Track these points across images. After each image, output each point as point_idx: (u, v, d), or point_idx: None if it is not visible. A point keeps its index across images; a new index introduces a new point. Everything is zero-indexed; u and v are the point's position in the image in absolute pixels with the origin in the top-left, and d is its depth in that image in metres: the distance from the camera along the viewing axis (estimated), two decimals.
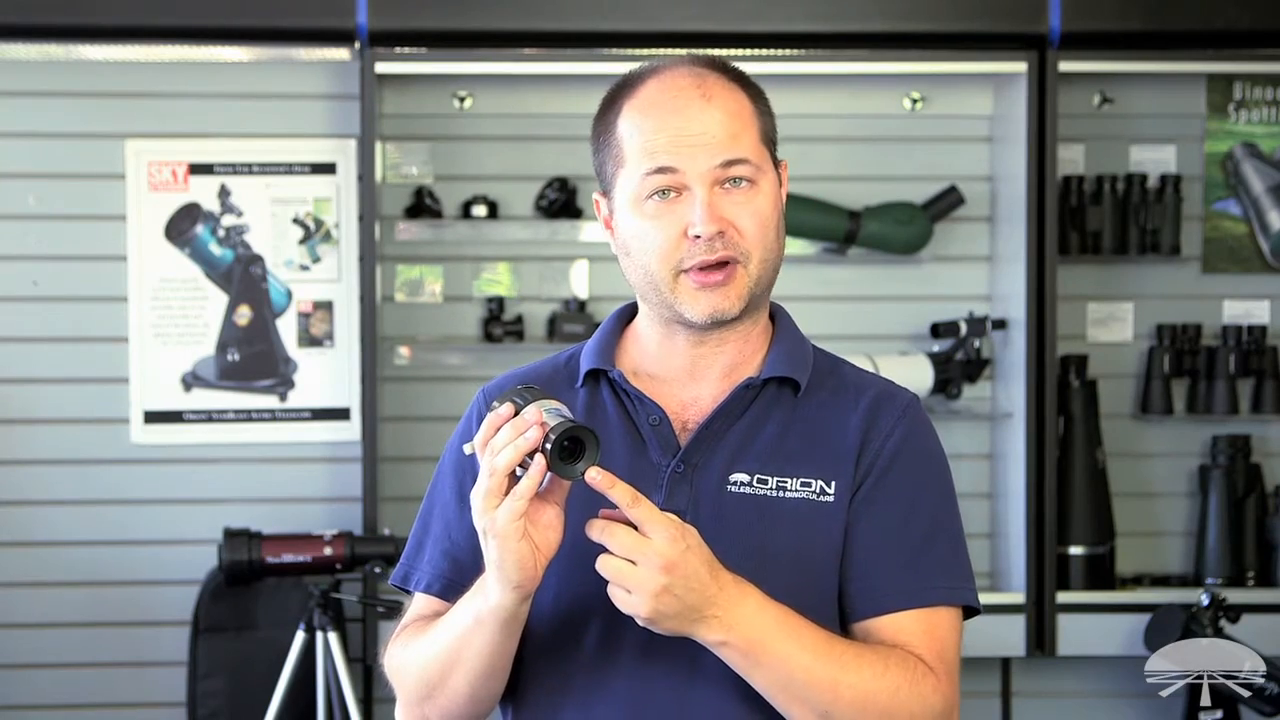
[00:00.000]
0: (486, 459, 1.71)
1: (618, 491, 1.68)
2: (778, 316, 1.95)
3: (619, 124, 1.84)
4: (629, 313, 1.96)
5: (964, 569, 1.86)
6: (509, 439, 1.70)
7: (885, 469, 1.84)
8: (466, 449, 1.76)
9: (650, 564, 1.66)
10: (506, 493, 1.70)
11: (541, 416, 1.70)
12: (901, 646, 1.78)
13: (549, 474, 1.70)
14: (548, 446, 1.69)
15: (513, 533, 1.69)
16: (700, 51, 1.99)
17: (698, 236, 1.79)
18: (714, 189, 1.80)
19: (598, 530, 1.69)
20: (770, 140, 1.87)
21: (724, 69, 1.88)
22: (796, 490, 1.82)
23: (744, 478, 1.82)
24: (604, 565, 1.68)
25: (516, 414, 1.72)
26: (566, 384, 1.92)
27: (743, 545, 1.77)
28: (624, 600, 1.69)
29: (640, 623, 1.70)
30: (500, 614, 1.74)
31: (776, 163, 1.88)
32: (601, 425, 1.87)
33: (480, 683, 1.81)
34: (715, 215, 1.79)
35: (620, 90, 1.86)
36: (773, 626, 1.72)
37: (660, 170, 1.80)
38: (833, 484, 1.83)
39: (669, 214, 1.81)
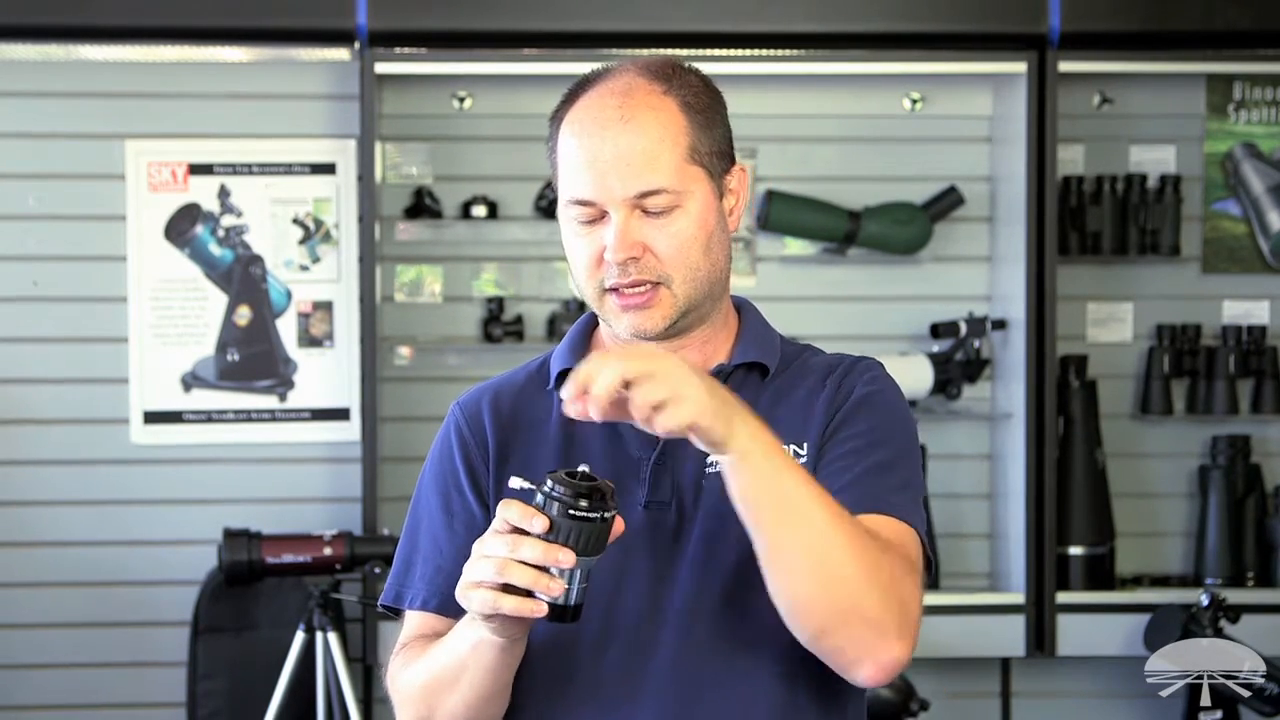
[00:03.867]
0: (504, 546, 1.66)
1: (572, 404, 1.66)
2: (743, 309, 1.96)
3: (558, 137, 1.86)
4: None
5: (921, 513, 1.83)
6: (534, 564, 1.65)
7: (851, 409, 1.85)
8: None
9: (657, 360, 1.64)
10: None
11: (575, 570, 1.65)
12: None
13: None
14: (555, 602, 1.65)
15: (483, 613, 1.69)
16: (656, 52, 1.98)
17: (609, 261, 1.81)
18: (633, 213, 1.80)
19: (590, 397, 1.64)
20: (708, 154, 1.83)
21: (664, 77, 1.84)
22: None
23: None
24: (635, 403, 1.62)
25: (550, 528, 1.64)
26: (539, 388, 1.93)
27: (727, 523, 1.75)
28: (670, 415, 1.62)
29: (698, 426, 1.62)
30: (495, 644, 1.74)
31: (723, 170, 1.85)
32: (578, 424, 1.85)
33: (479, 706, 1.80)
34: (628, 242, 1.79)
35: (564, 101, 1.87)
36: (780, 454, 1.70)
37: (578, 202, 1.82)
38: (805, 445, 1.84)
39: (591, 234, 1.82)
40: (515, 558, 1.64)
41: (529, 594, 1.65)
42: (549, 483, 1.65)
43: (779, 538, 1.69)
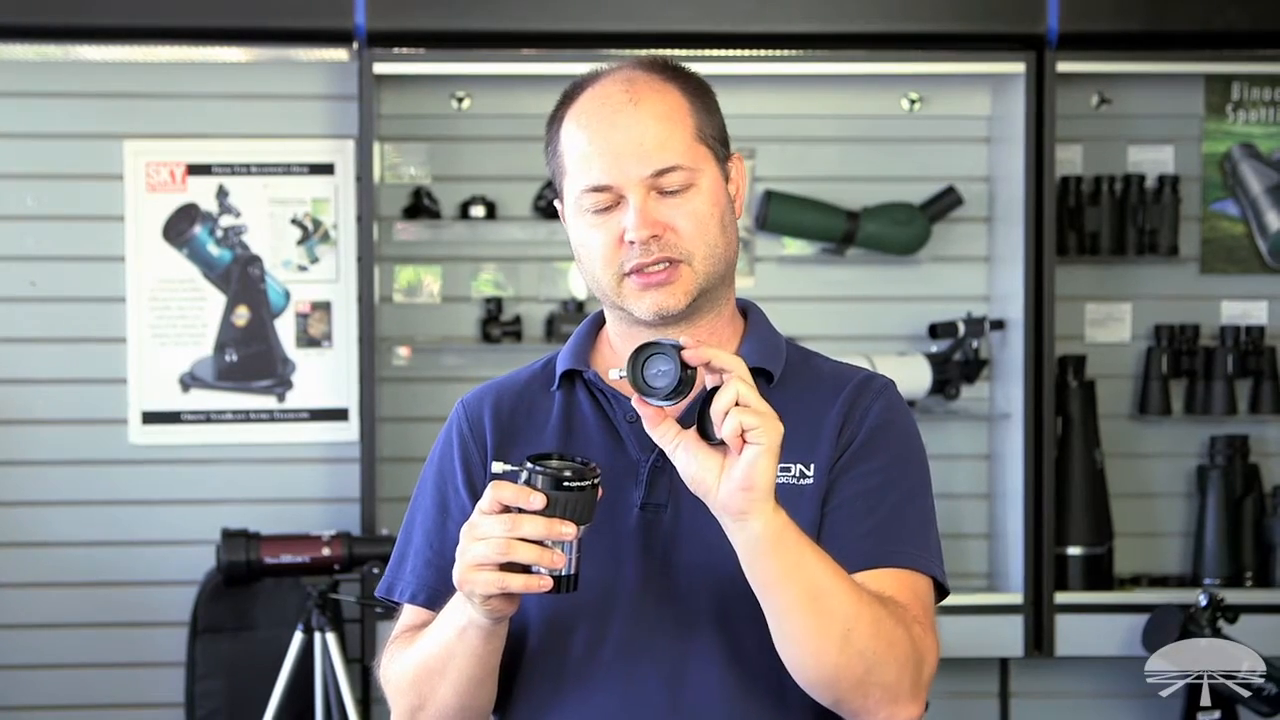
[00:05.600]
0: (501, 525, 1.67)
1: (734, 372, 1.67)
2: (750, 312, 1.97)
3: (561, 135, 1.88)
4: (602, 317, 1.98)
5: (934, 546, 1.88)
6: (535, 539, 1.67)
7: (865, 441, 1.86)
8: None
9: (774, 422, 1.66)
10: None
11: (575, 539, 1.68)
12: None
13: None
14: (557, 574, 1.68)
15: (487, 594, 1.70)
16: (655, 52, 2.01)
17: (633, 241, 1.82)
18: (649, 194, 1.83)
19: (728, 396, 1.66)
20: (711, 137, 1.87)
21: (660, 69, 1.89)
22: (776, 476, 1.82)
23: None
24: (742, 413, 1.65)
25: (547, 504, 1.67)
26: (542, 389, 1.94)
27: (725, 534, 1.76)
28: (758, 434, 1.65)
29: (746, 486, 1.66)
30: (482, 627, 1.75)
31: (724, 157, 1.89)
32: (579, 425, 1.89)
33: (469, 692, 1.81)
34: (649, 220, 1.82)
35: (563, 101, 1.90)
36: (801, 534, 1.72)
37: (594, 189, 1.84)
38: (811, 466, 1.85)
39: (608, 220, 1.84)
40: (517, 535, 1.66)
41: (526, 570, 1.68)
42: (529, 462, 1.69)
43: (793, 623, 1.72)
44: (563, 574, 1.68)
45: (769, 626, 1.74)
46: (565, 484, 1.67)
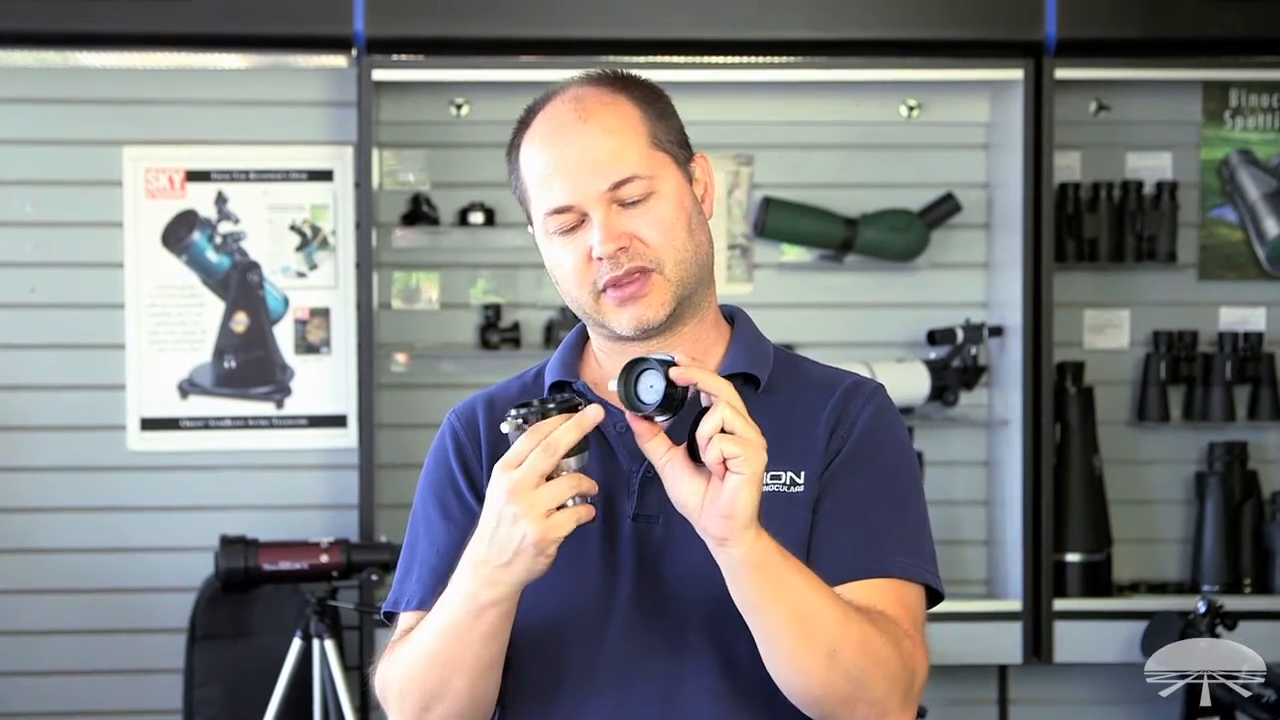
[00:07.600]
0: (546, 459, 1.68)
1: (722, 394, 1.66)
2: (736, 318, 1.96)
3: (520, 161, 1.89)
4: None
5: (927, 551, 1.87)
6: (574, 441, 1.69)
7: (854, 447, 1.85)
8: (505, 427, 1.72)
9: (757, 451, 1.65)
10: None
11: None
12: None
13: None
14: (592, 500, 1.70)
15: (567, 534, 1.70)
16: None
17: (601, 257, 1.82)
18: (611, 207, 1.82)
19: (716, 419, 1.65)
20: (669, 142, 1.87)
21: (609, 81, 1.88)
22: (766, 484, 1.80)
23: None
24: (724, 440, 1.64)
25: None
26: (534, 398, 1.93)
27: None
28: (728, 485, 1.65)
29: (726, 514, 1.66)
30: (500, 604, 1.73)
31: (686, 159, 1.89)
32: None
33: (481, 680, 1.79)
34: (613, 234, 1.81)
35: (518, 128, 1.90)
36: (786, 556, 1.71)
37: (557, 211, 1.84)
38: (802, 474, 1.84)
39: (575, 240, 1.84)
40: (561, 456, 1.67)
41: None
42: (522, 409, 1.71)
43: (778, 644, 1.72)
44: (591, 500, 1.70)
45: (757, 644, 1.74)
46: (567, 406, 1.70)
